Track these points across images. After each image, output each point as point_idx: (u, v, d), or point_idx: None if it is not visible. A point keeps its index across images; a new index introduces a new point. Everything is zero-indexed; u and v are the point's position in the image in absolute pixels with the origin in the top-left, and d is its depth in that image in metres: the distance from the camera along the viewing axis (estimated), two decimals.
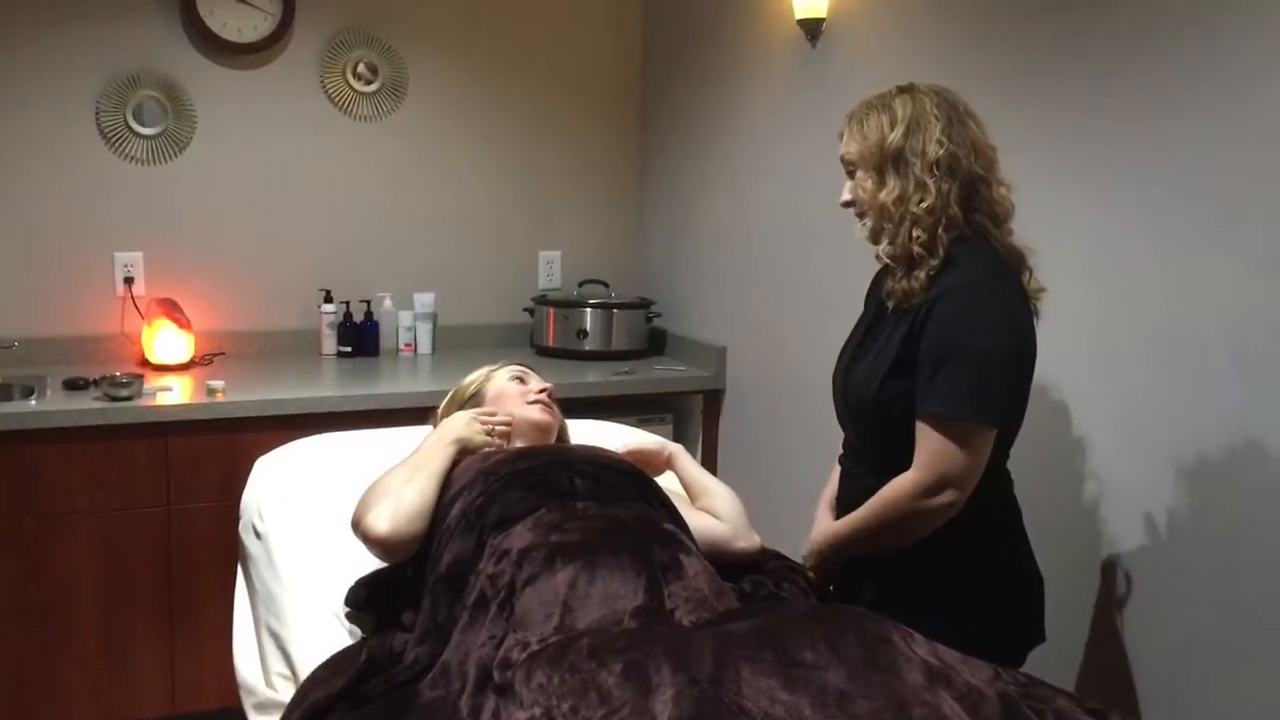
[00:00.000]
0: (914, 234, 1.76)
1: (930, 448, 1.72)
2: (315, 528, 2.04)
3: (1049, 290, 1.87)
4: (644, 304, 3.71)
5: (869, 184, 1.82)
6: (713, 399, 3.48)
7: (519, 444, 2.06)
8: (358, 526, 1.83)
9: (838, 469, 2.05)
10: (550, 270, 3.90)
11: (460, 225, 3.76)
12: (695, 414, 3.52)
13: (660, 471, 2.17)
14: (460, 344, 3.72)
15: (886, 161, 1.80)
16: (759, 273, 3.26)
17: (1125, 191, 2.05)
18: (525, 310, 3.77)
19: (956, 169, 1.77)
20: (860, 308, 2.04)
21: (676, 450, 2.18)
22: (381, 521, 1.80)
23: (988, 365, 1.71)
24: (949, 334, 1.72)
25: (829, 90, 2.87)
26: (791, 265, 3.09)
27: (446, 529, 1.82)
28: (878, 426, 1.85)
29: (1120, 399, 2.06)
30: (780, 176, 3.12)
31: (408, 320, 3.64)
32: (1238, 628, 1.86)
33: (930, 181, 1.76)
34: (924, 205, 1.75)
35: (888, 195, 1.79)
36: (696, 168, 3.59)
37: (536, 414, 2.09)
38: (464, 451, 2.00)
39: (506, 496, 1.82)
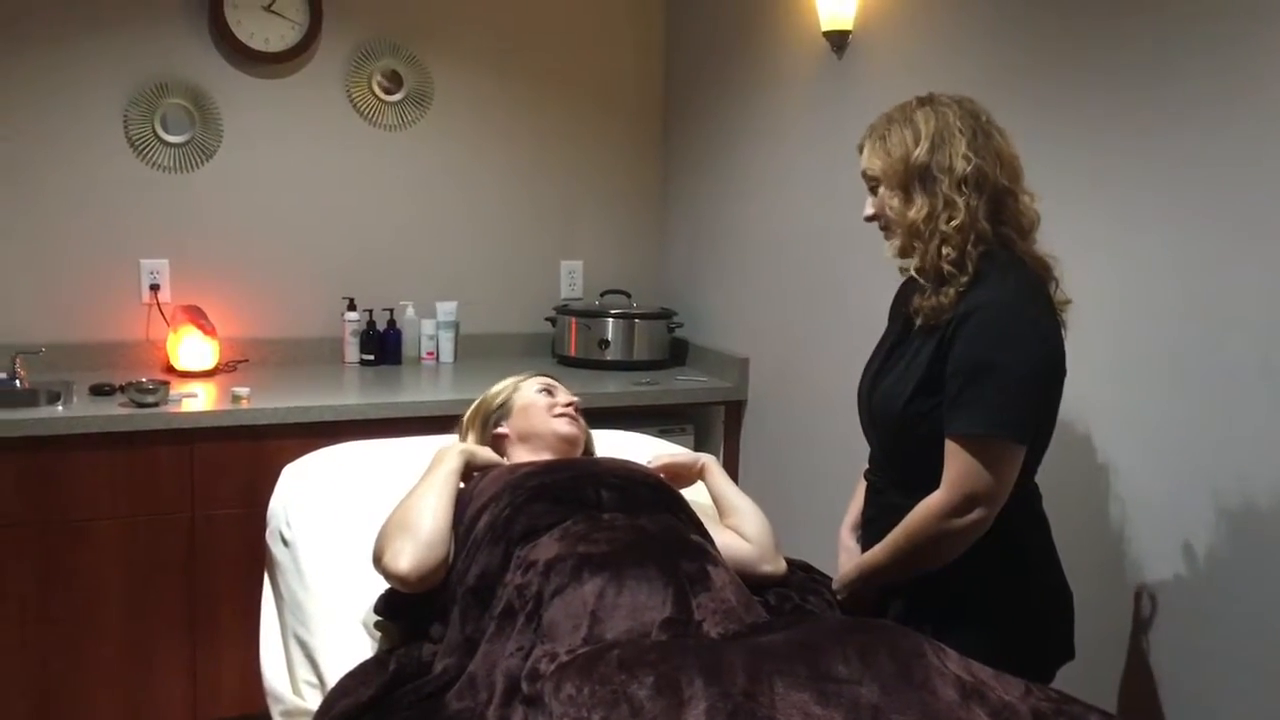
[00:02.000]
0: (944, 251, 1.75)
1: (958, 467, 1.71)
2: (343, 535, 2.05)
3: (1074, 304, 1.86)
4: (666, 314, 3.71)
5: (895, 202, 1.81)
6: (734, 410, 3.48)
7: (545, 456, 2.06)
8: (379, 564, 1.82)
9: (861, 487, 2.05)
10: (572, 280, 3.90)
11: (483, 234, 3.78)
12: (717, 425, 3.52)
13: (691, 484, 2.17)
14: (482, 353, 3.73)
15: (913, 178, 1.78)
16: (782, 284, 3.26)
17: (1151, 206, 2.04)
18: (547, 320, 3.77)
19: (984, 183, 1.76)
20: (884, 320, 2.03)
21: (709, 462, 2.18)
22: (402, 559, 1.78)
23: (1017, 383, 1.70)
24: (978, 351, 1.71)
25: (855, 102, 2.87)
26: (815, 276, 3.09)
27: (474, 541, 1.82)
28: (904, 443, 1.84)
29: (1147, 417, 2.05)
30: (804, 188, 3.12)
31: (430, 329, 3.65)
32: (1270, 650, 1.84)
33: (959, 198, 1.74)
34: (954, 223, 1.74)
35: (916, 213, 1.77)
36: (720, 178, 3.59)
37: (564, 427, 2.09)
38: (470, 464, 2.01)
39: (533, 508, 1.82)
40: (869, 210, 1.88)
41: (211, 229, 3.44)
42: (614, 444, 2.39)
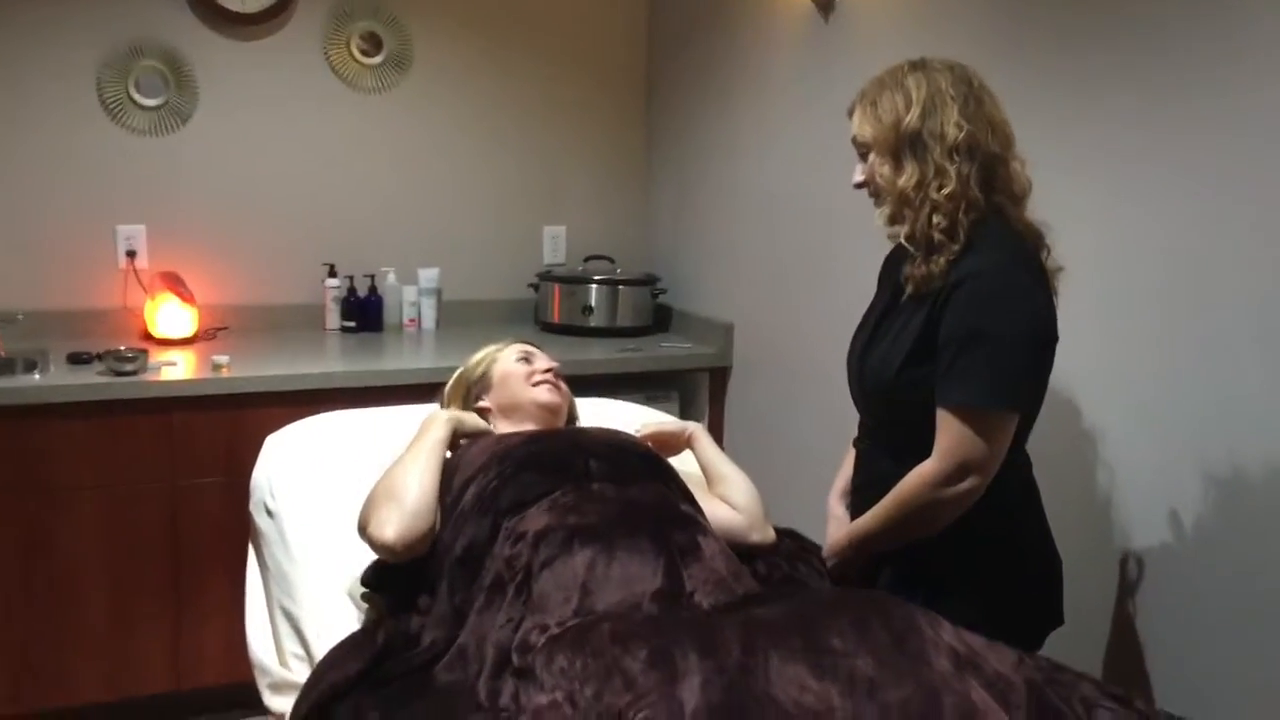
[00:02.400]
0: (934, 220, 1.73)
1: (951, 436, 1.70)
2: (328, 506, 2.02)
3: (1065, 270, 1.85)
4: (650, 280, 3.69)
5: (886, 169, 1.79)
6: (719, 376, 3.46)
7: (529, 426, 2.04)
8: (364, 533, 1.81)
9: (850, 455, 2.04)
10: (555, 245, 3.87)
11: (465, 199, 3.73)
12: (701, 392, 3.51)
13: (678, 452, 2.16)
14: (464, 320, 3.69)
15: (903, 145, 1.76)
16: (768, 249, 3.23)
17: (1143, 173, 2.02)
18: (530, 286, 3.74)
19: (976, 150, 1.74)
20: (872, 286, 2.02)
21: (697, 431, 2.17)
22: (387, 528, 1.76)
23: (1009, 351, 1.69)
24: (970, 320, 1.70)
25: (842, 66, 2.84)
26: (801, 242, 3.06)
27: (461, 513, 1.81)
28: (895, 411, 1.83)
29: (1137, 384, 2.05)
30: (791, 153, 3.09)
31: (412, 295, 3.61)
32: (1254, 616, 1.85)
33: (950, 166, 1.73)
34: (944, 191, 1.73)
35: (906, 181, 1.76)
36: (704, 143, 3.56)
37: (544, 395, 2.07)
38: (457, 433, 2.00)
39: (521, 479, 1.81)
40: (858, 177, 1.86)
41: (189, 194, 3.38)
42: (602, 413, 2.38)
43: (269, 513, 2.08)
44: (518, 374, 2.10)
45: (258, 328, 3.47)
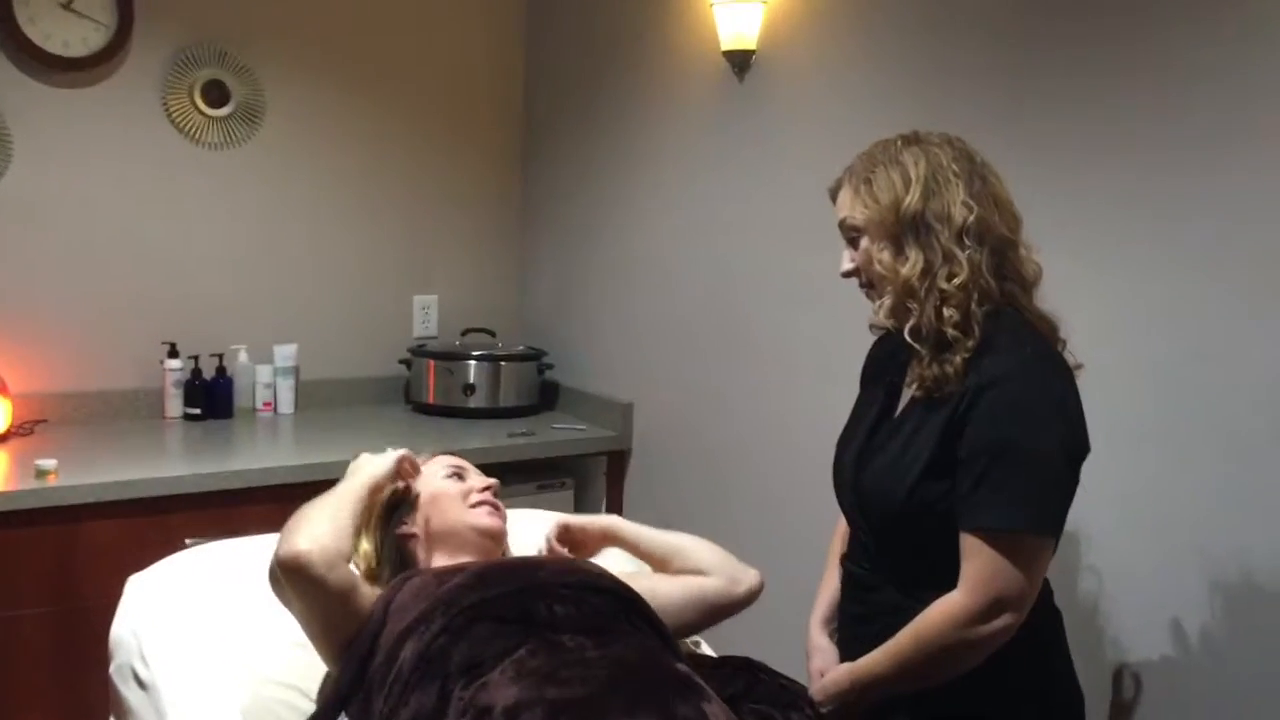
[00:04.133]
0: (945, 313, 1.52)
1: (982, 566, 1.47)
2: (218, 673, 1.62)
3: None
4: (536, 354, 3.38)
5: (885, 256, 1.56)
6: (617, 460, 3.17)
7: (465, 558, 1.71)
8: (273, 565, 1.52)
9: (832, 573, 1.80)
10: (427, 317, 3.52)
11: (324, 267, 3.35)
12: (598, 478, 3.21)
13: (595, 549, 1.88)
14: (327, 401, 3.30)
15: (905, 228, 1.54)
16: (669, 321, 2.98)
17: (1135, 252, 1.87)
18: (401, 362, 3.38)
19: (986, 234, 1.54)
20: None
21: (614, 525, 1.90)
22: (298, 539, 1.50)
23: (1047, 467, 1.47)
24: (1000, 430, 1.48)
25: (758, 127, 2.64)
26: (711, 313, 2.82)
27: (398, 677, 1.46)
28: (906, 533, 1.58)
29: (1132, 482, 1.87)
30: (698, 217, 2.86)
31: (266, 376, 3.20)
32: None
33: (959, 252, 1.52)
34: (956, 280, 1.51)
35: (911, 269, 1.54)
36: (591, 204, 3.29)
37: (484, 519, 1.74)
38: (375, 490, 1.71)
39: (474, 632, 1.48)
40: (847, 264, 1.64)
41: None
42: (523, 525, 2.05)
43: (139, 683, 1.65)
44: (451, 494, 1.75)
45: (84, 419, 2.99)
